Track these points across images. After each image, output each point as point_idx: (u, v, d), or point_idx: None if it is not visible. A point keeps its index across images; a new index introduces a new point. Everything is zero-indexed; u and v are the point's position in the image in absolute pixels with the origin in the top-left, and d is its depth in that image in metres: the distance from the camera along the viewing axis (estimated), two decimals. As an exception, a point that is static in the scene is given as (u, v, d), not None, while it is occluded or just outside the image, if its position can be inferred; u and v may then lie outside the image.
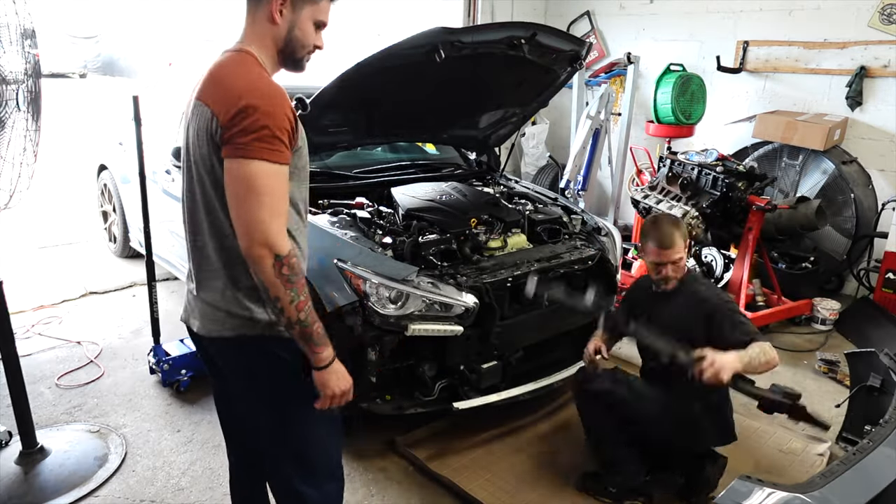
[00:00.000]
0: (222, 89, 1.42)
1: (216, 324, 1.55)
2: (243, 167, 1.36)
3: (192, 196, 1.53)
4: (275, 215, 1.38)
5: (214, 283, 1.54)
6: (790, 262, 4.69)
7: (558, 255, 3.04)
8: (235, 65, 1.47)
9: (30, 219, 5.65)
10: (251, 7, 1.50)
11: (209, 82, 1.46)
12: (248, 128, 1.35)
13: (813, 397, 3.46)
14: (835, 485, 1.78)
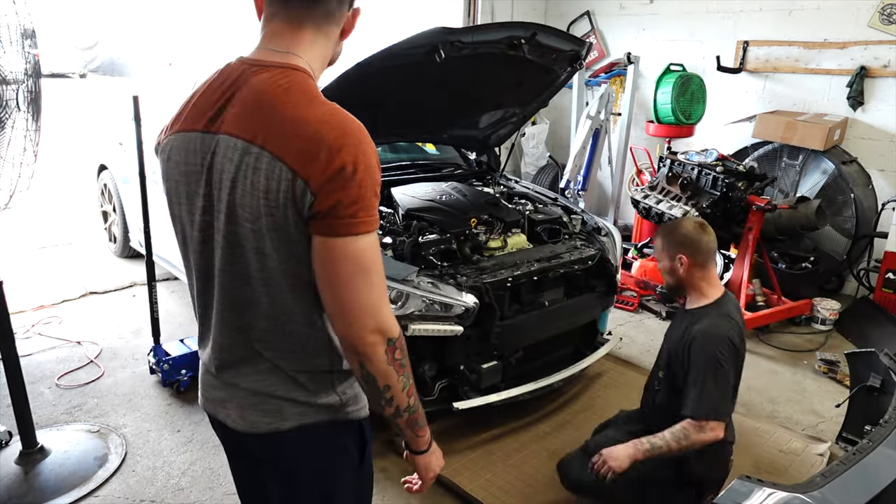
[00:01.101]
0: (301, 139, 1.04)
1: (269, 415, 1.22)
2: (349, 246, 1.06)
3: (237, 269, 1.16)
4: (384, 293, 1.12)
5: (266, 368, 1.22)
6: (790, 262, 4.69)
7: (558, 255, 3.05)
8: (301, 93, 1.09)
9: (30, 219, 5.66)
10: (321, 22, 1.16)
11: (269, 119, 1.07)
12: (351, 196, 1.04)
13: (813, 397, 3.47)
14: (835, 485, 1.78)
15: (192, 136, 1.15)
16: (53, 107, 4.73)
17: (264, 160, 1.05)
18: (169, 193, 1.23)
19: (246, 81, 1.11)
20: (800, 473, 2.71)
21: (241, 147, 1.08)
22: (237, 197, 1.09)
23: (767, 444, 2.96)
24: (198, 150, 1.14)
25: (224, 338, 1.24)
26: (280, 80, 1.10)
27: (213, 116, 1.13)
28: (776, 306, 4.30)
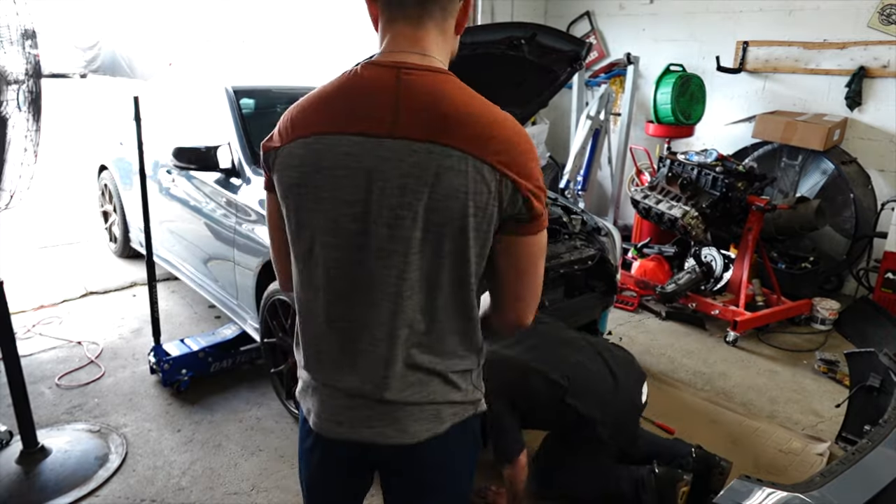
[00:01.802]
0: (500, 141, 1.06)
1: (427, 422, 1.20)
2: (540, 240, 1.15)
3: (423, 276, 1.12)
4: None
5: (428, 376, 1.19)
6: (790, 262, 4.70)
7: (558, 255, 3.05)
8: (474, 96, 1.10)
9: (30, 219, 5.66)
10: (440, 18, 1.13)
11: (462, 123, 1.05)
12: (542, 194, 1.12)
13: (812, 397, 3.47)
14: (834, 484, 1.78)
15: (348, 140, 1.08)
16: (53, 107, 4.74)
17: (469, 163, 1.04)
18: (299, 202, 1.14)
19: (409, 86, 1.08)
20: (799, 473, 2.71)
21: (438, 152, 1.04)
22: (435, 202, 1.06)
23: (767, 444, 2.96)
24: (357, 155, 1.08)
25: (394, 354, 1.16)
26: (445, 84, 1.09)
27: (377, 120, 1.07)
28: (776, 306, 4.30)
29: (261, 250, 2.99)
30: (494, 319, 1.26)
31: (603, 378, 2.39)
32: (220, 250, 3.38)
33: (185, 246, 3.85)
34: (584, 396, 2.31)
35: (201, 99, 3.88)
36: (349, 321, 1.17)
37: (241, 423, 2.99)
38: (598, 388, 2.36)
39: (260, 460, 2.73)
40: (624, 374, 2.44)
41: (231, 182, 3.30)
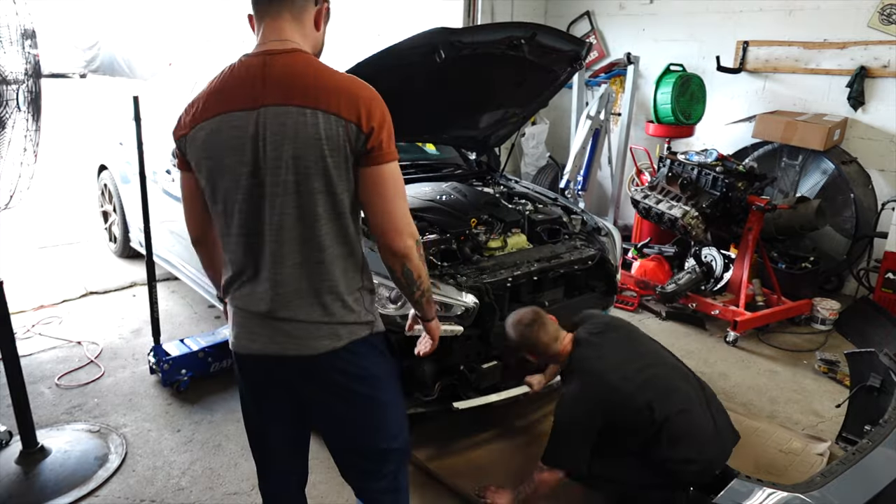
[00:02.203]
0: (344, 95, 1.39)
1: (324, 339, 1.51)
2: (390, 169, 1.44)
3: (301, 211, 1.43)
4: (407, 207, 1.50)
5: (319, 299, 1.49)
6: (790, 262, 4.69)
7: (558, 255, 3.04)
8: (322, 66, 1.45)
9: (30, 219, 5.66)
10: (294, 13, 1.48)
11: (312, 87, 1.39)
12: (388, 133, 1.43)
13: (813, 397, 3.47)
14: (834, 484, 1.78)
15: (234, 116, 1.42)
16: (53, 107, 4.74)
17: (319, 116, 1.37)
18: (210, 170, 1.47)
19: (271, 66, 1.41)
20: (800, 473, 2.71)
21: (295, 111, 1.37)
22: (298, 150, 1.38)
23: (767, 444, 2.96)
24: (242, 125, 1.41)
25: (286, 276, 1.47)
26: (298, 60, 1.43)
27: (251, 97, 1.40)
28: (776, 306, 4.30)
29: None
30: (379, 249, 1.53)
31: (706, 422, 2.23)
32: (220, 250, 3.37)
33: (185, 246, 3.85)
34: (681, 440, 2.16)
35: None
36: (253, 255, 1.49)
37: (240, 423, 2.95)
38: (698, 433, 2.20)
39: (260, 460, 2.73)
40: (723, 422, 2.31)
41: (231, 182, 3.29)
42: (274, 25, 1.47)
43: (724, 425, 2.32)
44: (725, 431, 2.31)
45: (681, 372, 2.37)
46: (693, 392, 2.30)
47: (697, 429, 2.21)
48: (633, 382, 2.18)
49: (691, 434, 2.18)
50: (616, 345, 2.34)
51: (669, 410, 2.16)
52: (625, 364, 2.25)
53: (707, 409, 2.29)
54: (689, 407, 2.23)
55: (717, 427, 2.27)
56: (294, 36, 1.47)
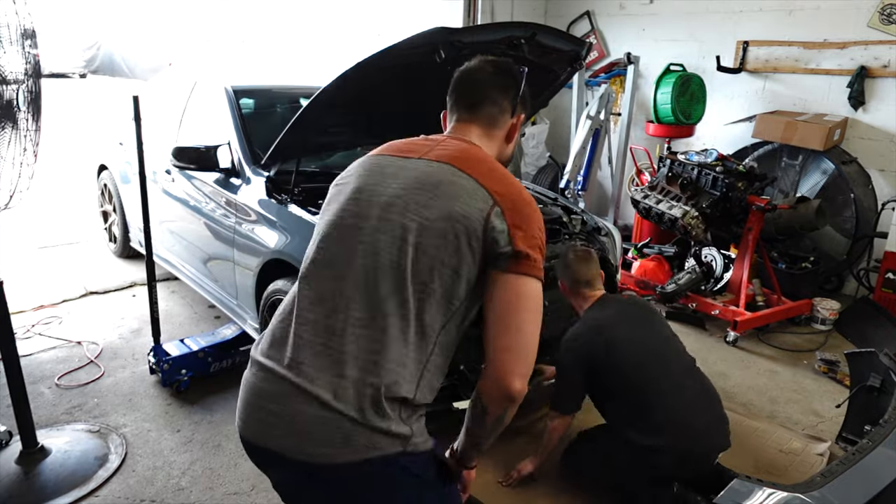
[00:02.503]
0: (506, 183, 1.30)
1: (343, 445, 1.18)
2: (532, 285, 1.23)
3: (391, 265, 1.24)
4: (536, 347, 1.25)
5: (358, 386, 1.20)
6: (790, 262, 4.69)
7: (558, 255, 3.04)
8: (489, 157, 1.41)
9: (30, 219, 5.66)
10: (490, 122, 1.48)
11: (474, 160, 1.33)
12: (536, 242, 1.26)
13: (813, 397, 3.47)
14: (835, 485, 1.78)
15: (391, 160, 1.39)
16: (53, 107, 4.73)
17: (470, 182, 1.27)
18: (340, 195, 1.39)
19: (443, 143, 1.41)
20: (800, 473, 2.71)
21: (448, 169, 1.31)
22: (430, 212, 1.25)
23: (767, 444, 2.96)
24: (390, 170, 1.35)
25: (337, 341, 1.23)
26: (472, 145, 1.42)
27: (411, 152, 1.38)
28: (776, 306, 4.30)
29: (260, 250, 2.99)
30: (482, 381, 1.26)
31: (689, 415, 2.26)
32: (220, 250, 3.37)
33: (185, 246, 3.85)
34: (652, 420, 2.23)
35: (201, 98, 3.88)
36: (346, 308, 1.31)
37: (240, 424, 2.99)
38: (673, 419, 2.23)
39: (260, 460, 2.73)
40: (713, 423, 2.32)
41: (231, 182, 3.30)
42: (462, 127, 1.48)
43: (713, 426, 2.32)
44: (712, 433, 2.30)
45: (680, 359, 2.42)
46: (684, 381, 2.33)
47: (673, 414, 2.24)
48: (622, 339, 2.31)
49: (665, 420, 2.22)
50: (626, 311, 2.47)
51: (647, 378, 2.27)
52: (622, 325, 2.37)
53: (695, 403, 2.30)
54: (670, 389, 2.28)
55: (702, 423, 2.28)
56: (476, 140, 1.45)
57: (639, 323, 2.43)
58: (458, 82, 1.51)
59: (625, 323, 2.39)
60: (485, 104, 1.47)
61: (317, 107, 2.78)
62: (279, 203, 2.99)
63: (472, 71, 1.50)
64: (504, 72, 1.50)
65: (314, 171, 3.35)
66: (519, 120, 1.52)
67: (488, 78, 1.48)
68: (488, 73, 1.49)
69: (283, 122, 3.08)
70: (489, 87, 1.47)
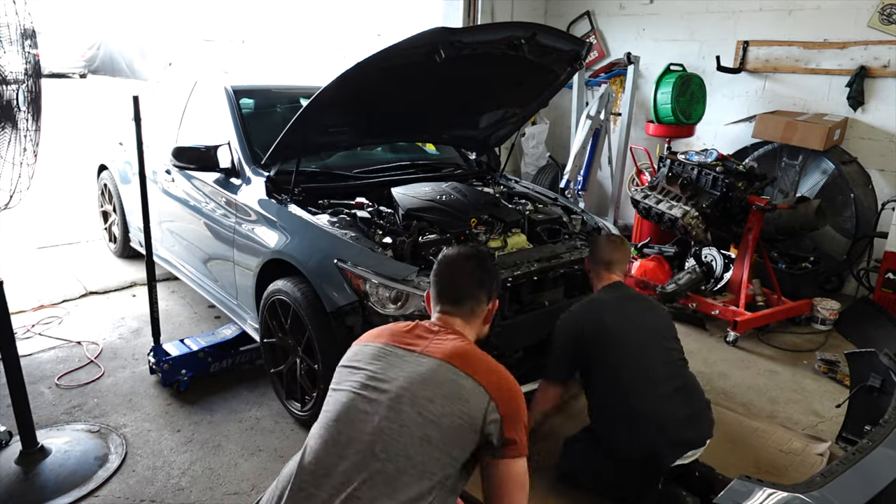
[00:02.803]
0: (497, 375, 1.54)
1: None
2: (520, 465, 1.52)
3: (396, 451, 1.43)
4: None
5: None
6: (790, 262, 4.69)
7: (558, 255, 3.04)
8: (483, 353, 1.62)
9: (30, 219, 5.66)
10: (472, 309, 1.72)
11: (473, 359, 1.55)
12: (522, 423, 1.52)
13: (813, 397, 3.47)
14: (835, 485, 1.78)
15: (394, 350, 1.59)
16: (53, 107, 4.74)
17: (468, 381, 1.49)
18: (346, 376, 1.60)
19: (438, 336, 1.63)
20: (800, 473, 2.71)
21: (448, 368, 1.52)
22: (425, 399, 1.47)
23: (767, 444, 2.96)
24: (397, 360, 1.57)
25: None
26: (464, 341, 1.63)
27: (414, 345, 1.59)
28: (776, 306, 4.30)
29: (260, 250, 2.99)
30: None
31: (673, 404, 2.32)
32: (220, 250, 3.37)
33: (185, 246, 3.85)
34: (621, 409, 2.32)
35: (201, 98, 3.88)
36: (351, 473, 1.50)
37: (240, 424, 2.99)
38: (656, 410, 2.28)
39: (260, 460, 2.73)
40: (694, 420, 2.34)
41: (231, 182, 3.30)
42: (443, 318, 1.70)
43: (686, 423, 2.31)
44: (683, 427, 2.30)
45: (665, 353, 2.43)
46: (663, 373, 2.36)
47: (641, 402, 2.29)
48: (612, 321, 2.39)
49: (632, 407, 2.29)
50: (627, 300, 2.53)
51: (624, 362, 2.33)
52: (617, 310, 2.45)
53: (671, 396, 2.32)
54: (645, 378, 2.32)
55: (673, 416, 2.28)
56: (462, 329, 1.69)
57: (634, 312, 2.49)
58: (440, 277, 1.75)
59: (620, 309, 2.46)
60: (466, 300, 1.72)
61: (317, 107, 2.78)
62: (279, 203, 2.99)
63: (453, 268, 1.74)
64: (481, 266, 1.75)
65: (314, 171, 3.35)
66: (494, 305, 1.78)
67: (467, 277, 1.73)
68: (467, 271, 1.73)
69: (283, 122, 3.09)
70: (469, 286, 1.72)
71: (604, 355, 2.36)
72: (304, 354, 2.80)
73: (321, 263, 2.63)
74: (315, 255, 2.69)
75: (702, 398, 2.44)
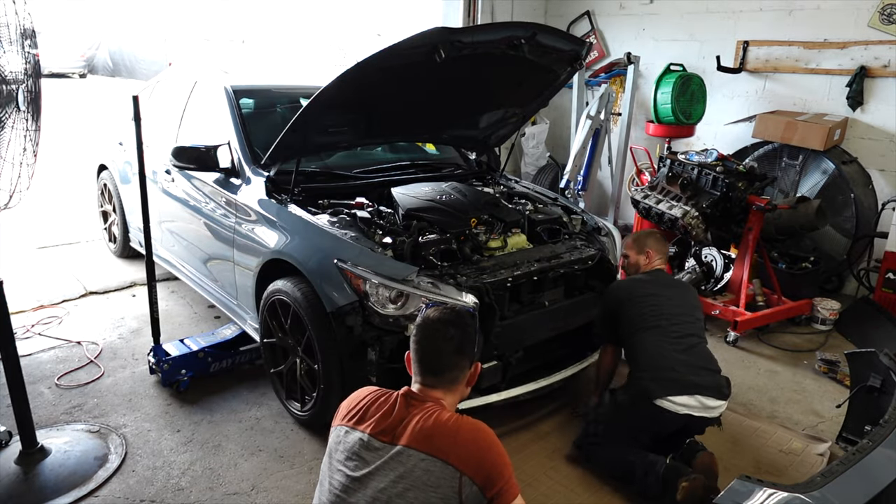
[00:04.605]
0: (463, 446, 1.57)
1: None
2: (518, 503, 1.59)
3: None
4: None
5: None
6: (790, 262, 4.69)
7: (558, 255, 3.04)
8: (449, 421, 1.62)
9: (30, 219, 5.66)
10: (447, 384, 1.71)
11: (435, 436, 1.57)
12: (505, 472, 1.58)
13: (813, 397, 3.47)
14: (835, 485, 1.78)
15: (370, 442, 1.61)
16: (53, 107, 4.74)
17: (436, 464, 1.54)
18: (328, 469, 1.66)
19: (411, 414, 1.62)
20: (800, 473, 2.71)
21: (417, 455, 1.55)
22: (404, 498, 1.52)
23: (767, 444, 2.96)
24: (372, 455, 1.60)
25: None
26: (438, 410, 1.63)
27: (386, 434, 1.61)
28: (776, 306, 4.30)
29: (260, 250, 2.99)
30: None
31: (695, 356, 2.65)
32: (220, 250, 3.37)
33: (185, 246, 3.85)
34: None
35: (201, 98, 3.88)
36: None
37: (240, 424, 2.99)
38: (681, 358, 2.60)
39: (260, 460, 2.73)
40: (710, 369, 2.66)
41: (231, 182, 3.29)
42: (428, 391, 1.70)
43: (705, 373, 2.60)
44: (704, 376, 2.59)
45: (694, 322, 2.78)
46: (689, 333, 2.70)
47: (669, 352, 2.61)
48: (648, 292, 2.80)
49: (659, 354, 2.62)
50: (664, 280, 2.94)
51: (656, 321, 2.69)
52: (653, 284, 2.86)
53: (694, 352, 2.65)
54: (673, 335, 2.66)
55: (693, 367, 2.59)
56: (444, 397, 1.70)
57: (667, 286, 2.90)
58: (420, 346, 1.72)
59: (655, 283, 2.88)
60: (447, 372, 1.71)
61: (317, 107, 2.78)
62: (279, 203, 2.99)
63: (434, 336, 1.71)
64: (461, 332, 1.72)
65: (314, 171, 3.35)
66: (476, 368, 1.77)
67: (449, 346, 1.70)
68: (447, 339, 1.70)
69: (283, 122, 3.09)
70: (450, 356, 1.70)
71: (637, 312, 2.72)
72: (304, 354, 2.80)
73: (321, 263, 2.63)
74: (315, 255, 2.69)
75: (716, 364, 2.70)
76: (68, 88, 15.01)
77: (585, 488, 2.59)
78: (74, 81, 17.02)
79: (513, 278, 2.78)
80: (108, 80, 16.56)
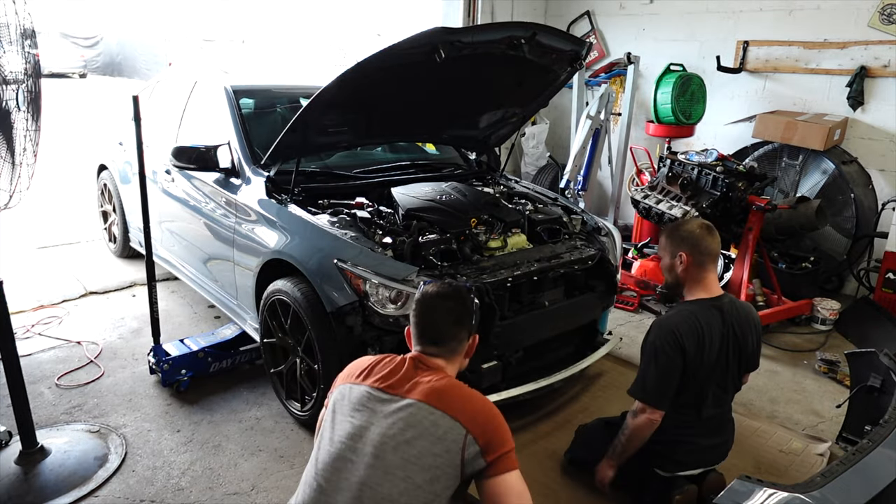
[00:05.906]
0: (471, 405, 1.63)
1: None
2: (513, 477, 1.60)
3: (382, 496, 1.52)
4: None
5: None
6: (790, 262, 4.70)
7: (558, 255, 3.04)
8: (462, 386, 1.70)
9: (30, 219, 5.66)
10: (447, 353, 1.76)
11: (443, 394, 1.61)
12: (506, 440, 1.62)
13: (813, 397, 3.47)
14: (835, 485, 1.78)
15: (378, 394, 1.64)
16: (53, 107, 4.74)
17: (445, 419, 1.57)
18: (331, 423, 1.66)
19: (418, 377, 1.66)
20: (800, 473, 2.71)
21: (425, 408, 1.58)
22: (397, 434, 1.56)
23: (767, 444, 2.96)
24: (380, 405, 1.63)
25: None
26: (442, 376, 1.68)
27: (395, 388, 1.64)
28: (776, 306, 4.30)
29: (260, 250, 2.99)
30: None
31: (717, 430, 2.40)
32: (220, 250, 3.37)
33: (185, 246, 3.85)
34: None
35: (201, 98, 3.88)
36: None
37: (240, 424, 2.99)
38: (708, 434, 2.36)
39: (260, 460, 2.73)
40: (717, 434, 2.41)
41: (231, 182, 3.30)
42: (428, 359, 1.73)
43: (718, 450, 2.42)
44: (710, 454, 2.40)
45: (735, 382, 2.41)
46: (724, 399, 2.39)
47: (702, 424, 2.33)
48: (713, 341, 2.26)
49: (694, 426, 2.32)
50: (737, 318, 2.35)
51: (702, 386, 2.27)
52: (718, 327, 2.28)
53: (719, 424, 2.41)
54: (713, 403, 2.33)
55: (711, 443, 2.38)
56: (446, 368, 1.74)
57: (731, 337, 2.30)
58: (419, 319, 1.77)
59: (720, 326, 2.28)
60: (447, 341, 1.75)
61: (317, 107, 2.78)
62: (279, 203, 2.99)
63: (432, 309, 1.76)
64: (460, 304, 1.77)
65: (314, 171, 3.35)
66: (474, 340, 1.82)
67: (447, 317, 1.75)
68: (445, 311, 1.76)
69: (283, 122, 3.09)
70: (448, 327, 1.75)
71: (706, 374, 2.25)
72: (304, 354, 2.80)
73: (321, 263, 2.63)
74: (315, 255, 2.69)
75: (733, 428, 2.50)
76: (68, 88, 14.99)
77: (585, 488, 2.59)
78: (74, 81, 17.02)
79: (513, 278, 2.78)
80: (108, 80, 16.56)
